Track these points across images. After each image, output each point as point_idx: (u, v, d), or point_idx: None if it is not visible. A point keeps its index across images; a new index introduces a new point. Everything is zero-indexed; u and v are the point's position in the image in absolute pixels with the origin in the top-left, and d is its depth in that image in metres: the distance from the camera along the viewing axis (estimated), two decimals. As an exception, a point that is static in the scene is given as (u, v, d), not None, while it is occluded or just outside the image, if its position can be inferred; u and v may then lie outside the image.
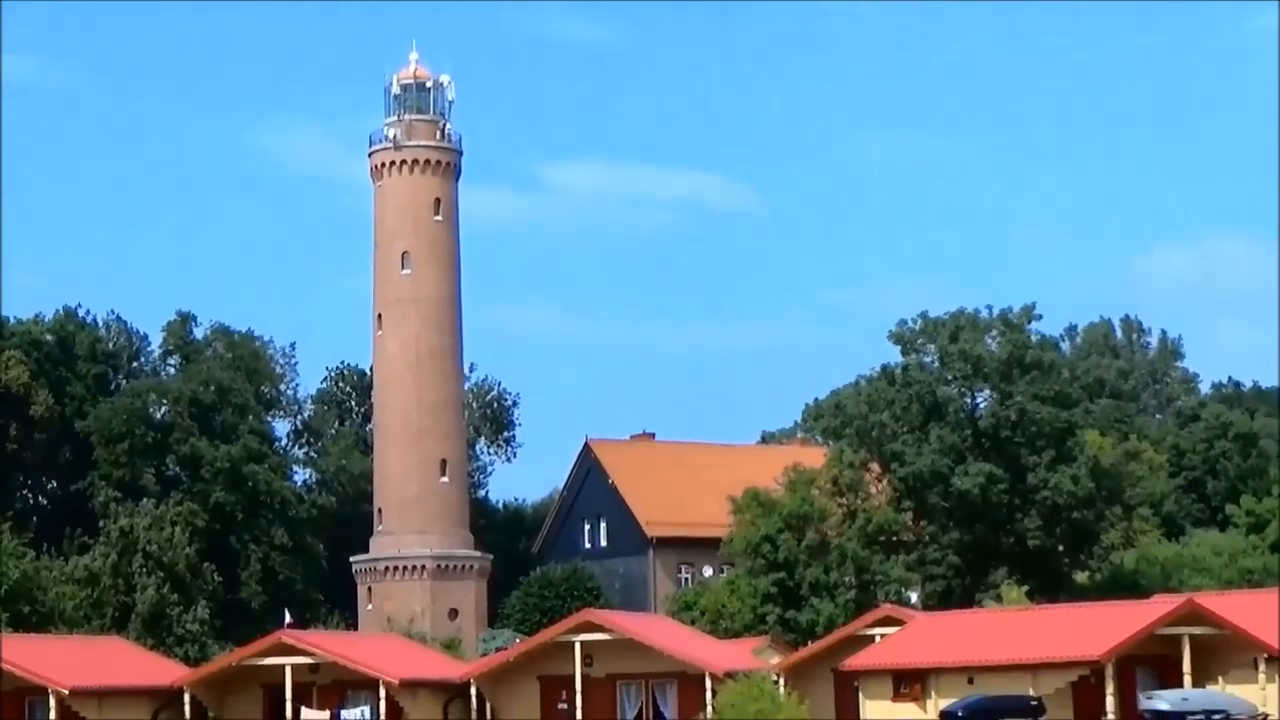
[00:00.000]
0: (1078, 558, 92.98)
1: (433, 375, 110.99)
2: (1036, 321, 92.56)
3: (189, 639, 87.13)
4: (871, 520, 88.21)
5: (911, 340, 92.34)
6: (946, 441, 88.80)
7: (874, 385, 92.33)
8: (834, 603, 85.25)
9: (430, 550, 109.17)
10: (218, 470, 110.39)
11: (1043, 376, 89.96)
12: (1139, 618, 59.99)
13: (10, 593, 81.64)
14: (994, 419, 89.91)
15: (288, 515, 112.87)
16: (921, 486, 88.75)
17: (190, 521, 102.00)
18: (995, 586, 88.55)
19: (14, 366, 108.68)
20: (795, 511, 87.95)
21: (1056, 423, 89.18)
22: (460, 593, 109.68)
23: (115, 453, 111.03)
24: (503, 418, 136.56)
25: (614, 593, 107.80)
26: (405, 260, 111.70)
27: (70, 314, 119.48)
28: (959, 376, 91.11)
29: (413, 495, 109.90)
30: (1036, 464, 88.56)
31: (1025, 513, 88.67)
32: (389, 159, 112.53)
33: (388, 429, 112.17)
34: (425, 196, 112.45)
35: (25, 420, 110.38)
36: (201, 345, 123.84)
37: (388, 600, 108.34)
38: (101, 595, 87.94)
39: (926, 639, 63.81)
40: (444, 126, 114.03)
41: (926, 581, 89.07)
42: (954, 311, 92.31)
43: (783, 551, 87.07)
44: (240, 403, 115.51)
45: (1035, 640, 60.44)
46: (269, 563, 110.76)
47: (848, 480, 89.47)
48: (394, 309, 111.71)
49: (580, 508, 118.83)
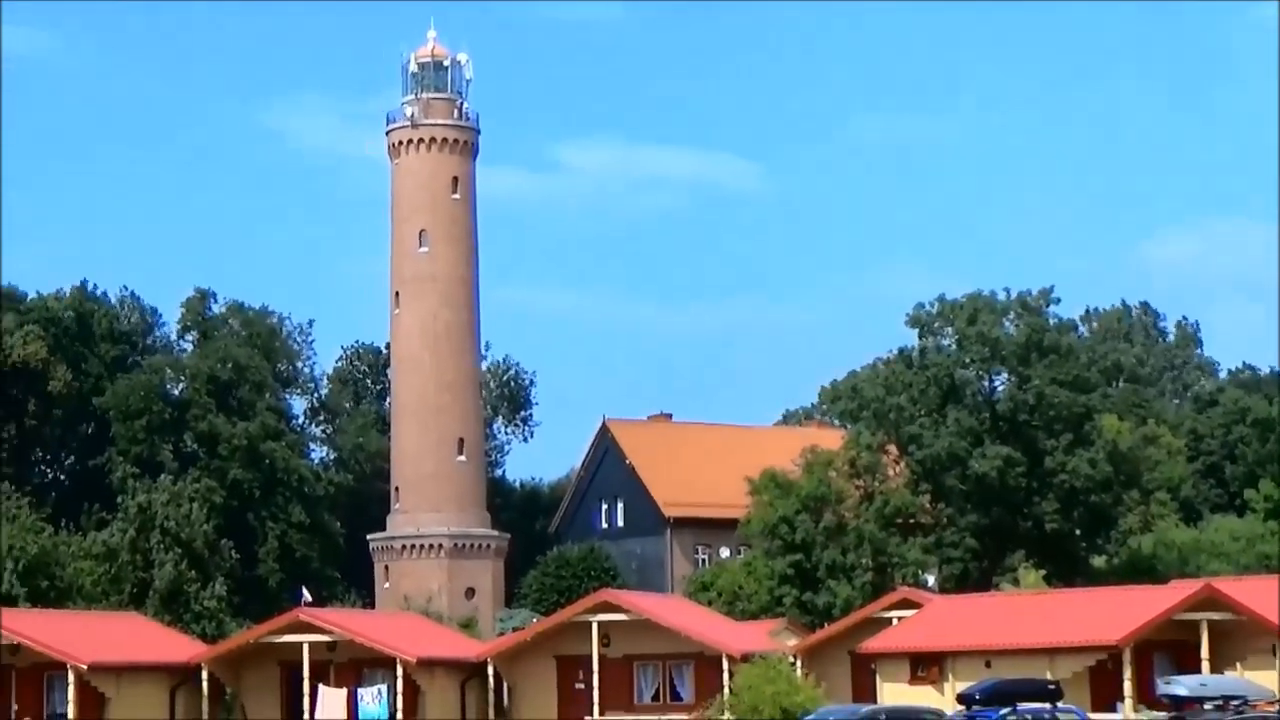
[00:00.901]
0: (1095, 542, 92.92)
1: (450, 354, 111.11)
2: (1054, 305, 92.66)
3: (206, 615, 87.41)
4: (889, 503, 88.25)
5: (929, 323, 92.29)
6: (964, 424, 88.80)
7: (891, 368, 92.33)
8: (851, 585, 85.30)
9: (447, 529, 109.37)
10: (235, 447, 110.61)
11: (1060, 360, 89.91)
12: (1157, 602, 60.03)
13: (28, 568, 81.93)
14: (1012, 402, 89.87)
15: (305, 493, 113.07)
16: (939, 469, 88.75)
17: (208, 498, 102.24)
18: (1012, 570, 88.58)
19: (32, 342, 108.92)
20: (813, 493, 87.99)
21: (1074, 406, 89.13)
22: (477, 572, 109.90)
23: (133, 429, 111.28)
24: (520, 397, 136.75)
25: (630, 573, 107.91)
26: (423, 238, 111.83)
27: (86, 290, 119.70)
28: (976, 359, 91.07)
29: (429, 474, 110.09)
30: (1054, 447, 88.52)
31: (1043, 496, 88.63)
32: (406, 137, 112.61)
33: (405, 407, 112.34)
34: (443, 175, 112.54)
35: (43, 396, 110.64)
36: (218, 322, 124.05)
37: (404, 579, 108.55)
38: (119, 571, 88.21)
39: (944, 622, 63.89)
40: (461, 105, 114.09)
41: (944, 564, 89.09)
42: (971, 294, 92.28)
43: (800, 533, 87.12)
44: (257, 380, 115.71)
45: (1053, 624, 60.50)
46: (286, 540, 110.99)
47: (865, 462, 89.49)
48: (411, 287, 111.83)
49: (597, 488, 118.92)
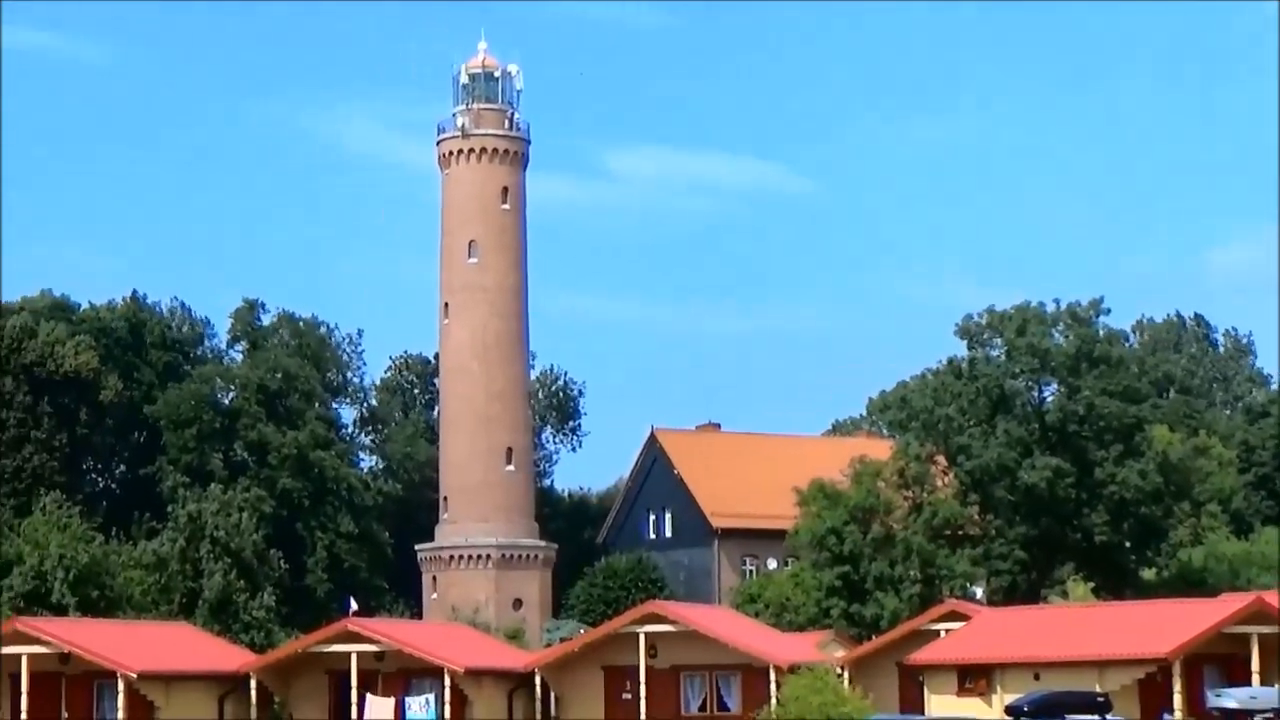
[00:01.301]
0: (1145, 554, 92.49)
1: (499, 363, 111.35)
2: (1104, 315, 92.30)
3: (255, 625, 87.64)
4: (937, 513, 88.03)
5: (978, 333, 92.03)
6: (1013, 435, 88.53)
7: (940, 378, 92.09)
8: (899, 597, 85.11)
9: (495, 539, 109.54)
10: (284, 456, 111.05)
11: (1110, 371, 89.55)
12: (1207, 615, 59.76)
13: (79, 577, 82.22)
14: (1061, 413, 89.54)
15: (353, 502, 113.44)
16: (988, 480, 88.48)
17: (257, 508, 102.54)
18: (1061, 582, 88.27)
19: (84, 352, 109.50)
20: (861, 504, 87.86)
21: (1124, 417, 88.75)
22: (524, 582, 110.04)
23: (183, 438, 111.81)
24: (568, 406, 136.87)
25: (678, 584, 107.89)
26: (472, 248, 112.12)
27: (138, 300, 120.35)
28: (1026, 370, 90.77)
29: (478, 483, 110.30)
30: (1104, 459, 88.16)
31: (1092, 508, 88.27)
32: (457, 147, 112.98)
33: (454, 417, 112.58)
34: (493, 185, 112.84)
35: (95, 405, 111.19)
36: (268, 332, 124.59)
37: (452, 589, 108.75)
38: (169, 581, 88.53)
39: (992, 634, 63.73)
40: (512, 115, 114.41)
41: (992, 576, 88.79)
42: (1020, 305, 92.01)
43: (848, 544, 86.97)
44: (306, 389, 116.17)
45: (1102, 636, 60.28)
46: (335, 550, 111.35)
47: (914, 473, 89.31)
48: (461, 297, 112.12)
49: (645, 498, 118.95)
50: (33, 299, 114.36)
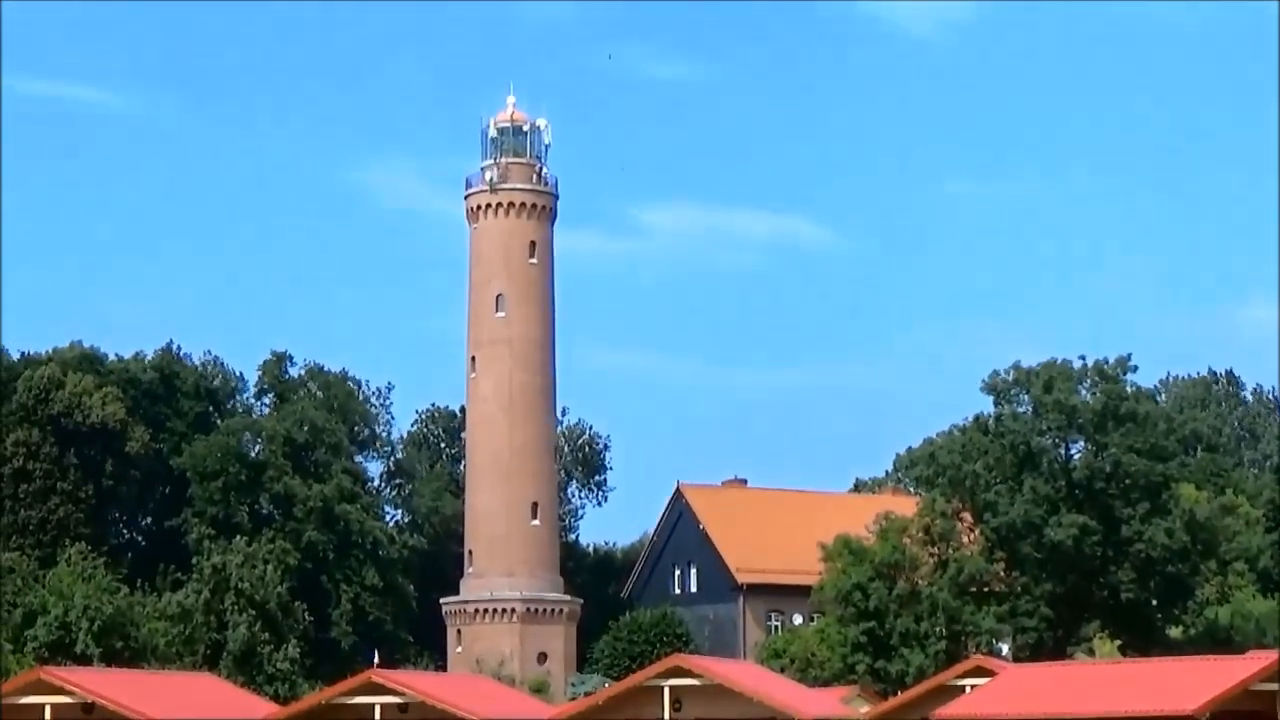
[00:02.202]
0: (1171, 612, 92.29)
1: (525, 417, 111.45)
2: (1132, 373, 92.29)
3: (279, 677, 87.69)
4: (963, 570, 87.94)
5: (1005, 390, 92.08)
6: (1040, 492, 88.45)
7: (967, 435, 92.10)
8: (924, 653, 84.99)
9: (520, 593, 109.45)
10: (310, 509, 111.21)
11: (1138, 428, 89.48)
12: (1233, 673, 59.48)
13: (104, 628, 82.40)
14: (1088, 470, 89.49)
15: (379, 555, 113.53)
16: (1014, 537, 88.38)
17: (282, 560, 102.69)
18: (1088, 639, 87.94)
19: (111, 403, 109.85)
20: (886, 560, 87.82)
21: (1152, 475, 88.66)
22: (549, 636, 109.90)
23: (209, 490, 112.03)
24: (594, 461, 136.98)
25: (703, 639, 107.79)
26: (500, 302, 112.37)
27: (171, 352, 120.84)
28: (1053, 427, 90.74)
29: (503, 537, 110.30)
30: (1131, 516, 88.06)
31: (1119, 565, 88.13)
32: (485, 201, 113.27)
33: (479, 470, 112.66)
34: (520, 239, 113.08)
35: (121, 456, 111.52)
36: (296, 384, 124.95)
37: (477, 642, 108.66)
38: (194, 632, 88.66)
39: (1017, 690, 63.48)
40: (540, 169, 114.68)
41: (1018, 633, 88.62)
42: (1047, 362, 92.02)
43: (873, 600, 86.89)
44: (333, 442, 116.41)
45: (1128, 693, 60.01)
46: (359, 602, 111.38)
47: (940, 529, 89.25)
48: (487, 350, 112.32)
49: (671, 552, 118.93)
50: (61, 350, 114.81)
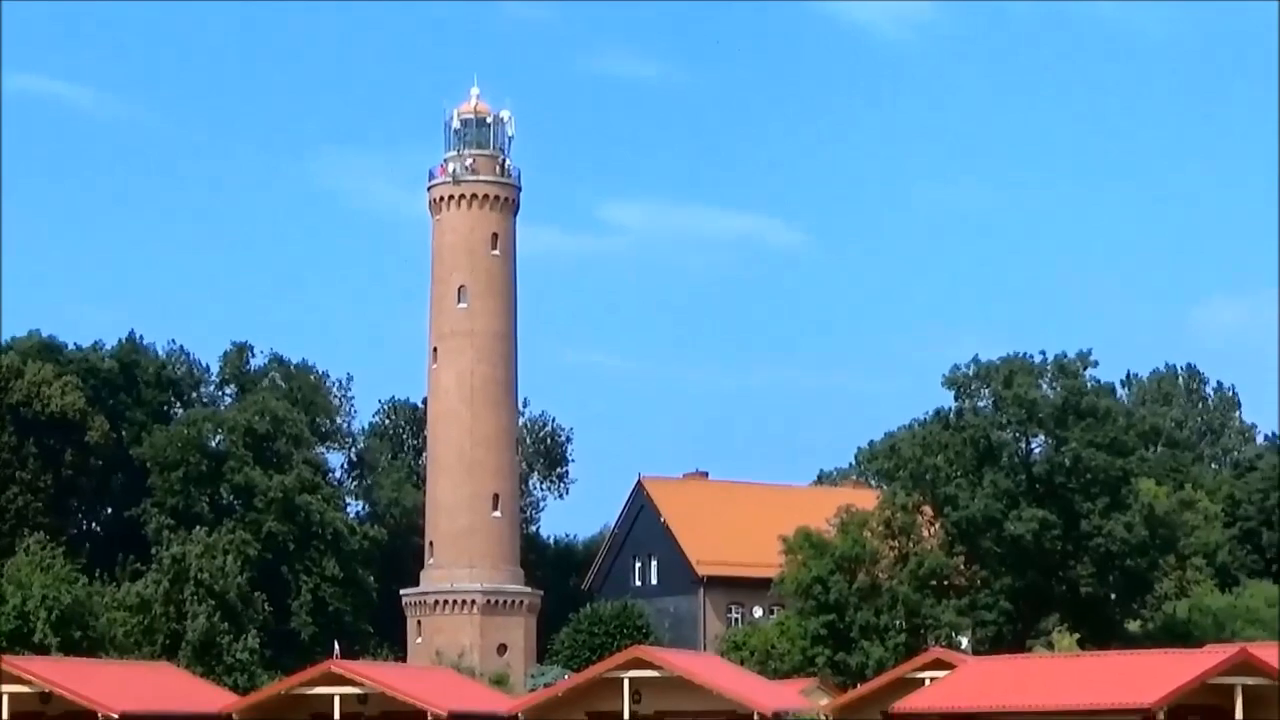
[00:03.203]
0: (1130, 606, 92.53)
1: (487, 409, 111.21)
2: (1092, 368, 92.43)
3: (238, 667, 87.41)
4: (923, 564, 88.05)
5: (966, 385, 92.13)
6: (1000, 486, 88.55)
7: (928, 429, 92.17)
8: (884, 646, 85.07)
9: (480, 585, 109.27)
10: (271, 500, 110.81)
11: (1098, 423, 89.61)
12: (1192, 666, 59.56)
13: (62, 617, 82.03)
14: (1048, 465, 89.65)
15: (339, 547, 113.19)
16: (974, 531, 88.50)
17: (242, 550, 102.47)
18: (1047, 633, 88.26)
19: (71, 392, 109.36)
20: (847, 553, 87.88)
21: (1111, 470, 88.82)
22: (510, 628, 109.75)
23: (169, 480, 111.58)
24: (556, 453, 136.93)
25: (664, 631, 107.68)
26: (462, 294, 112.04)
27: (134, 342, 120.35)
28: (1013, 421, 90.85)
29: (464, 529, 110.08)
30: (1090, 511, 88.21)
31: (1078, 560, 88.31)
32: (448, 193, 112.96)
33: (440, 462, 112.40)
34: (483, 231, 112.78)
35: (81, 446, 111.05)
36: (258, 376, 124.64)
37: (437, 634, 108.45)
38: (153, 622, 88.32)
39: (976, 683, 63.46)
40: (503, 162, 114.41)
41: (977, 627, 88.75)
42: (1008, 357, 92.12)
43: (833, 593, 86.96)
44: (294, 433, 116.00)
45: (1086, 686, 60.07)
46: (319, 593, 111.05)
47: (900, 523, 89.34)
48: (449, 342, 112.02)
49: (631, 545, 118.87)
50: (20, 339, 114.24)
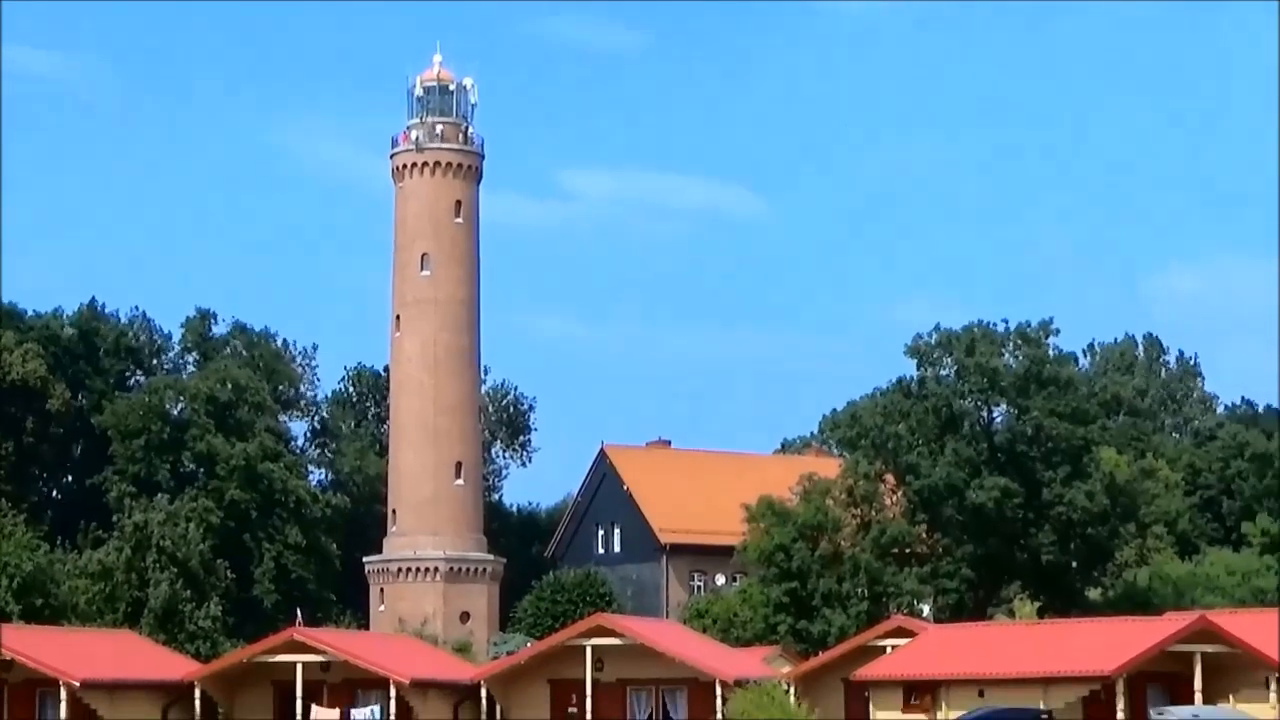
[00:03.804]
0: (1091, 574, 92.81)
1: (450, 377, 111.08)
2: (1054, 337, 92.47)
3: (201, 635, 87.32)
4: (885, 532, 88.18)
5: (928, 353, 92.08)
6: (962, 455, 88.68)
7: (890, 397, 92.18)
8: (846, 613, 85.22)
9: (443, 552, 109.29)
10: (233, 468, 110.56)
11: (1059, 392, 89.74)
12: (1151, 634, 59.92)
13: (23, 585, 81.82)
14: (1010, 433, 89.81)
15: (302, 514, 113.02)
16: (936, 499, 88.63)
17: (204, 518, 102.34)
18: (1008, 601, 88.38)
19: (31, 360, 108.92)
20: (809, 521, 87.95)
21: (1073, 439, 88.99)
22: (472, 596, 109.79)
23: (131, 448, 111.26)
24: (519, 422, 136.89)
25: (626, 599, 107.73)
26: (425, 262, 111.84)
27: (94, 309, 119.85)
28: (975, 390, 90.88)
29: (427, 497, 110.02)
30: (1052, 479, 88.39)
31: (1039, 528, 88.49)
32: (410, 161, 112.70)
33: (404, 430, 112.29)
34: (446, 199, 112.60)
35: (42, 414, 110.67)
36: (220, 343, 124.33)
37: (400, 601, 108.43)
38: (115, 590, 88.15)
39: (938, 651, 63.77)
40: (466, 129, 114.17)
41: (939, 595, 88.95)
42: (970, 325, 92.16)
43: (796, 561, 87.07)
44: (257, 401, 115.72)
45: (1047, 654, 60.38)
46: (282, 561, 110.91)
47: (862, 491, 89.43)
48: (413, 310, 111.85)
49: (595, 513, 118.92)
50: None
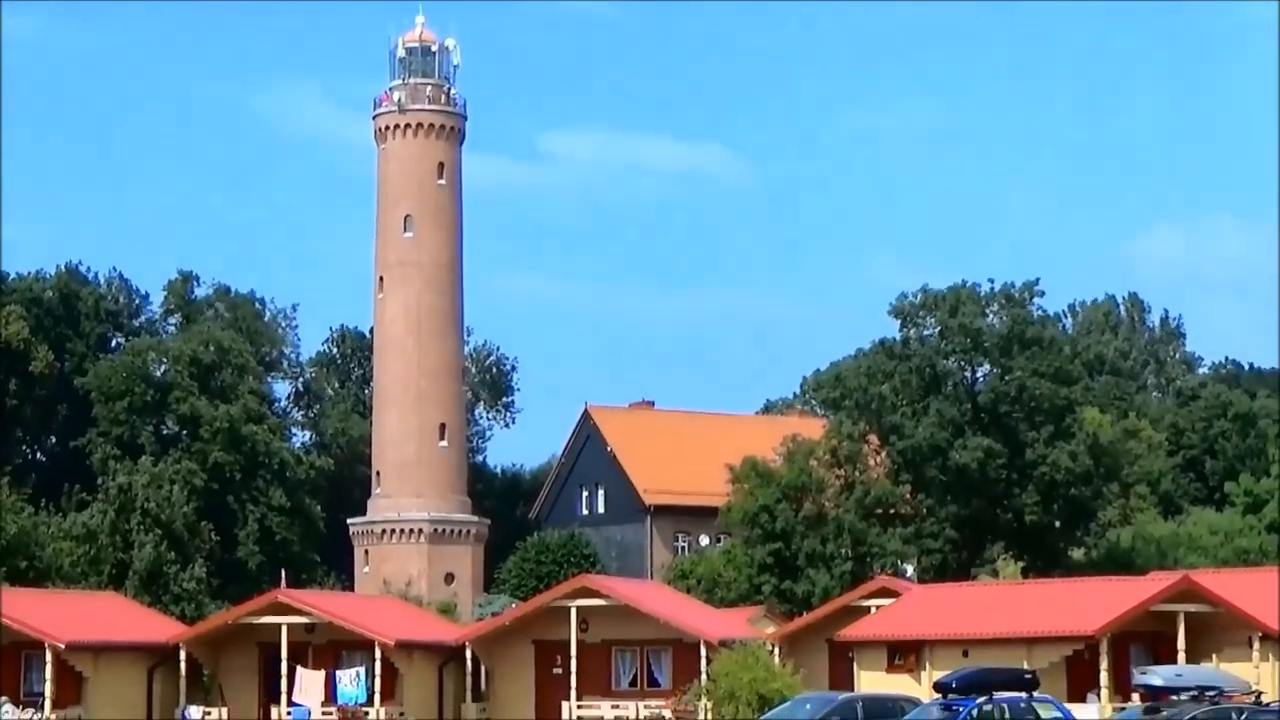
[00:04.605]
0: (1074, 534, 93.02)
1: (433, 339, 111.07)
2: (1038, 298, 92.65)
3: (185, 597, 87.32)
4: (869, 492, 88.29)
5: (912, 313, 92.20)
6: (945, 415, 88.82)
7: (873, 358, 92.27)
8: (830, 574, 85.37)
9: (427, 514, 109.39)
10: (216, 430, 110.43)
11: (1043, 352, 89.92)
12: (1134, 594, 60.10)
13: (7, 548, 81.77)
14: (993, 394, 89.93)
15: (286, 476, 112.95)
16: (920, 460, 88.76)
17: (188, 480, 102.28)
18: (991, 561, 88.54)
19: (14, 322, 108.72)
20: (793, 482, 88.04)
21: (1056, 399, 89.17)
22: (457, 557, 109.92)
23: (114, 410, 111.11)
24: (502, 383, 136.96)
25: (610, 560, 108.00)
26: (408, 223, 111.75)
27: (73, 271, 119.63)
28: (959, 350, 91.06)
29: (411, 459, 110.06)
30: (1035, 440, 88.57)
31: (1023, 488, 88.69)
32: (393, 122, 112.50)
33: (387, 392, 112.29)
34: (429, 160, 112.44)
35: (25, 376, 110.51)
36: (202, 305, 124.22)
37: (384, 563, 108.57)
38: (99, 552, 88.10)
39: (922, 611, 63.93)
40: (449, 90, 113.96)
41: (923, 555, 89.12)
42: (954, 286, 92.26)
43: (780, 522, 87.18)
44: (240, 363, 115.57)
45: (1030, 614, 60.56)
46: (266, 523, 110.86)
47: (846, 452, 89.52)
48: (395, 271, 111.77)
49: (578, 474, 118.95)
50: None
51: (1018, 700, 48.80)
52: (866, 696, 55.01)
